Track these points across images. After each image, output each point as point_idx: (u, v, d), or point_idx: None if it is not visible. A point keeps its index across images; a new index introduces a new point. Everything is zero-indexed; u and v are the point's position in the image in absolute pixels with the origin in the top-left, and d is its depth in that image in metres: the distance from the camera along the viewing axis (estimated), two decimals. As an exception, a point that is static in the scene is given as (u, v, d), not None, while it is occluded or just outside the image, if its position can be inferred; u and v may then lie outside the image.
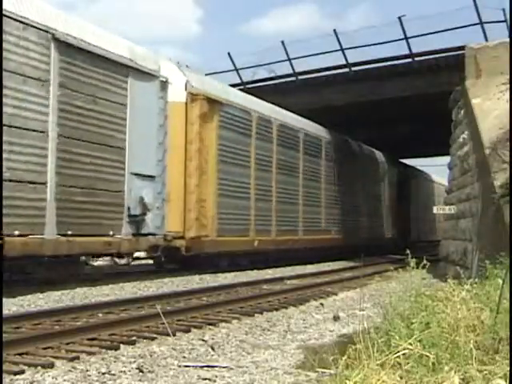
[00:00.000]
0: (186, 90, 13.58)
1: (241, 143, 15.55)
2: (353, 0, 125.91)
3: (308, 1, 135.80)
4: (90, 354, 5.29)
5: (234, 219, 15.05)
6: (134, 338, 5.98)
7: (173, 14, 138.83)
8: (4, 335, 5.38)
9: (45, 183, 9.75)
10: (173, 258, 14.24)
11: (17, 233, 9.00)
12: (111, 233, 11.05)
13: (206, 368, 4.94)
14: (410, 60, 19.91)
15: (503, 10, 18.05)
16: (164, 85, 12.62)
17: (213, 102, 14.18)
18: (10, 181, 8.98)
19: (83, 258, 11.71)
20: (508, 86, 10.68)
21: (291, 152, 18.39)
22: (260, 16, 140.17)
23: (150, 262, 15.22)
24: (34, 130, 9.59)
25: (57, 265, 10.47)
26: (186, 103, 13.55)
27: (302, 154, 19.02)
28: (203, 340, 6.11)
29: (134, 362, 5.09)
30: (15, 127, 9.17)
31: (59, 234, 9.90)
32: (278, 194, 17.31)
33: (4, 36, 8.70)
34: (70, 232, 10.06)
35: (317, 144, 20.27)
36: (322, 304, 9.22)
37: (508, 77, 10.44)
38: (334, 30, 20.61)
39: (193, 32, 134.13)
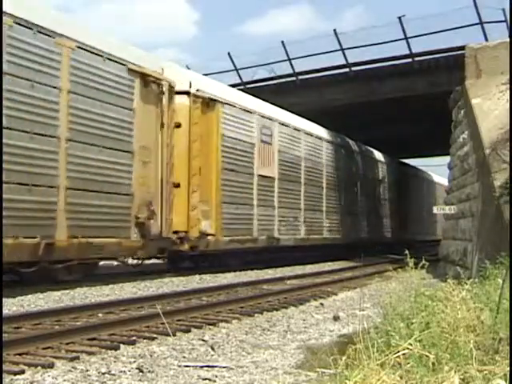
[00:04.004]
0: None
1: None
2: (347, 1, 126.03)
3: (302, 2, 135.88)
4: (90, 353, 5.28)
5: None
6: (133, 338, 5.98)
7: (170, 16, 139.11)
8: (4, 335, 5.39)
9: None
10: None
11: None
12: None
13: (205, 368, 4.94)
14: (409, 60, 19.95)
15: (503, 9, 18.11)
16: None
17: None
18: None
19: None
20: (508, 85, 10.69)
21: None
22: (254, 18, 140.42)
23: (151, 262, 15.19)
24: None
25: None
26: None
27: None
28: (203, 340, 6.11)
29: (134, 362, 5.09)
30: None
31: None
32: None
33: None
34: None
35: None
36: (321, 304, 9.23)
37: (508, 77, 10.45)
38: (334, 30, 20.67)
39: (190, 34, 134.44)
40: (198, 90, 13.81)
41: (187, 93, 13.59)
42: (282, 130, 17.63)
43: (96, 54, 10.81)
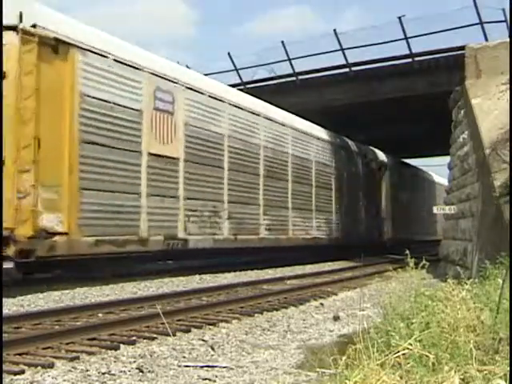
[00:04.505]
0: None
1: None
2: (347, 1, 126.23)
3: (302, 2, 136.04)
4: (90, 354, 5.28)
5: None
6: (134, 338, 5.98)
7: (169, 17, 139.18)
8: (4, 335, 5.39)
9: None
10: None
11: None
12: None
13: (205, 368, 4.94)
14: (409, 60, 19.95)
15: (503, 9, 18.11)
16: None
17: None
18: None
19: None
20: (508, 85, 10.69)
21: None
22: (254, 18, 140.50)
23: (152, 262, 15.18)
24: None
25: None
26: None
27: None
28: (203, 340, 6.11)
29: (134, 362, 5.09)
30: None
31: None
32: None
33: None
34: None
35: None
36: (321, 304, 9.23)
37: (508, 77, 10.45)
38: (334, 30, 20.67)
39: (190, 34, 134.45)
40: (35, 26, 9.78)
41: (14, 28, 9.53)
42: (191, 96, 13.54)
43: None
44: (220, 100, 14.80)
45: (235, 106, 15.46)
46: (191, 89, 13.71)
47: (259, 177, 16.45)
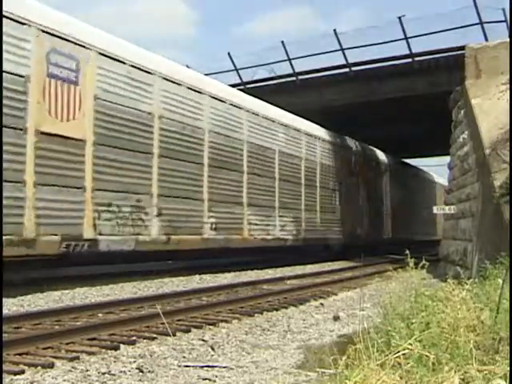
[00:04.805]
0: None
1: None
2: (347, 1, 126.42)
3: (302, 2, 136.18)
4: (90, 353, 5.28)
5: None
6: (134, 338, 5.98)
7: (169, 17, 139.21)
8: (4, 335, 5.39)
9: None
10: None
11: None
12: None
13: (206, 368, 4.94)
14: (409, 60, 19.94)
15: (503, 9, 18.10)
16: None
17: None
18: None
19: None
20: (508, 85, 10.69)
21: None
22: (254, 18, 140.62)
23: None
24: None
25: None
26: None
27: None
28: (203, 340, 6.11)
29: (134, 362, 5.09)
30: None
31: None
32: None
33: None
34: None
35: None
36: (322, 304, 9.23)
37: (508, 77, 10.45)
38: (334, 30, 20.66)
39: (190, 34, 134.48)
40: None
41: None
42: (105, 65, 11.11)
43: None
44: (148, 72, 12.13)
45: (168, 80, 12.70)
46: (107, 56, 11.14)
47: (203, 166, 13.81)
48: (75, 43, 10.48)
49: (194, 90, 13.62)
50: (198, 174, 13.67)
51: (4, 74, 9.04)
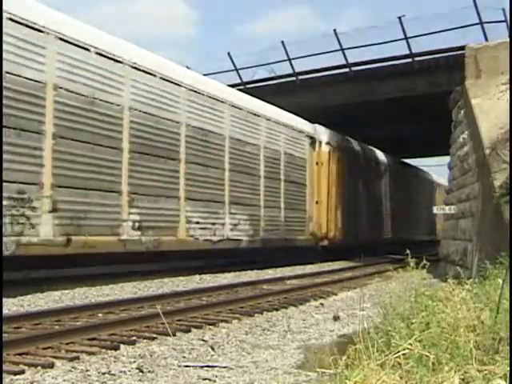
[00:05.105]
0: None
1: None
2: (347, 1, 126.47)
3: (302, 2, 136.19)
4: (90, 353, 5.28)
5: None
6: (134, 338, 5.98)
7: (170, 17, 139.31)
8: (4, 335, 5.39)
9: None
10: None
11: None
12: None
13: (206, 368, 4.94)
14: (409, 60, 19.94)
15: (503, 9, 18.10)
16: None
17: None
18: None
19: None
20: (508, 85, 10.68)
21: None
22: (254, 18, 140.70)
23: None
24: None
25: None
26: None
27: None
28: (203, 340, 6.11)
29: (134, 362, 5.09)
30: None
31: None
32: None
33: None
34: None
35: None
36: (322, 304, 9.23)
37: (508, 77, 10.44)
38: (334, 30, 20.66)
39: (190, 34, 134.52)
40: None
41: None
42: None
43: None
44: (42, 31, 9.63)
45: (63, 40, 10.10)
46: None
47: (121, 152, 11.28)
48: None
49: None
50: (115, 161, 11.15)
51: None
